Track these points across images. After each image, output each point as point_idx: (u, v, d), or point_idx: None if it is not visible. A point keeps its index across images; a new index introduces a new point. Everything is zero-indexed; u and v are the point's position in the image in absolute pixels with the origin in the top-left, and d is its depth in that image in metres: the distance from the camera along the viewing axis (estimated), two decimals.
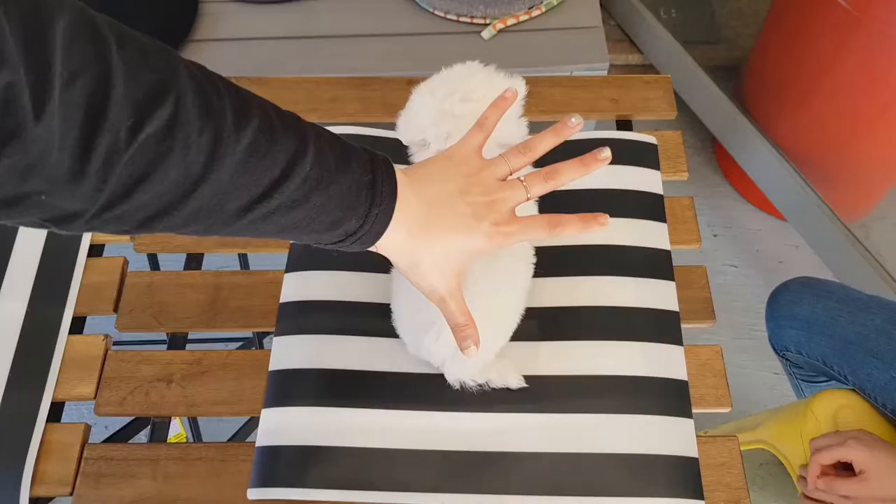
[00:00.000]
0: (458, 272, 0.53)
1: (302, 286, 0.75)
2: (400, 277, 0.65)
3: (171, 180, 0.37)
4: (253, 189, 0.41)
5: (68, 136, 0.32)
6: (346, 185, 0.45)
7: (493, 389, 0.68)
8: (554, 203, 0.80)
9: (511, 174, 0.54)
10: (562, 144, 0.83)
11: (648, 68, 1.79)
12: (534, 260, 0.67)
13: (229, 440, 1.06)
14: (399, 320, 0.68)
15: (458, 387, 0.68)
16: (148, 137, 0.35)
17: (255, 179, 0.40)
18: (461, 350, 0.55)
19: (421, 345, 0.66)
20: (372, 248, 0.51)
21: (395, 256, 0.52)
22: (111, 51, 0.34)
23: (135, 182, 0.36)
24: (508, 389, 0.68)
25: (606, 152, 0.54)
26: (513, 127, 0.64)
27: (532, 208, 0.66)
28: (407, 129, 0.64)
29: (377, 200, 0.47)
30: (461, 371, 0.67)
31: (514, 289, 0.65)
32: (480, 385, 0.67)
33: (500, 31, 1.31)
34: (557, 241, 0.55)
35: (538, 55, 1.32)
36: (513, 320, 0.67)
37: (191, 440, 1.27)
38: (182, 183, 0.38)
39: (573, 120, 0.55)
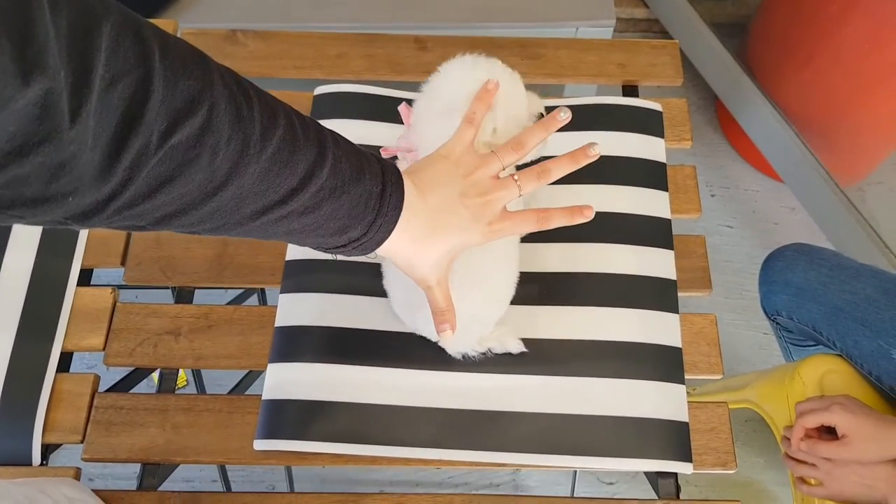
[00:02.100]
0: (448, 264, 0.55)
1: None
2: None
3: (194, 184, 0.38)
4: (271, 196, 0.42)
5: (102, 136, 0.33)
6: (357, 195, 0.46)
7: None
8: None
9: (503, 170, 0.56)
10: (572, 109, 0.82)
11: (654, 23, 1.77)
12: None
13: (230, 392, 1.08)
14: (394, 300, 0.70)
15: (460, 358, 0.69)
16: (178, 143, 0.36)
17: (274, 187, 0.42)
18: (438, 333, 0.57)
19: (416, 322, 0.67)
20: (371, 254, 0.52)
21: (395, 258, 0.54)
22: (154, 56, 0.35)
23: (160, 184, 0.37)
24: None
25: (596, 149, 0.55)
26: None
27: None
28: (421, 101, 0.64)
29: (383, 211, 0.48)
30: (460, 343, 0.68)
31: (505, 260, 0.66)
32: (483, 353, 0.69)
33: None
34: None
35: (543, 10, 1.31)
36: (508, 290, 0.68)
37: (191, 383, 1.30)
38: (205, 187, 0.39)
39: (562, 115, 0.56)
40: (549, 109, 0.60)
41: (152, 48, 0.35)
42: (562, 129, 0.81)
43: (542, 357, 0.71)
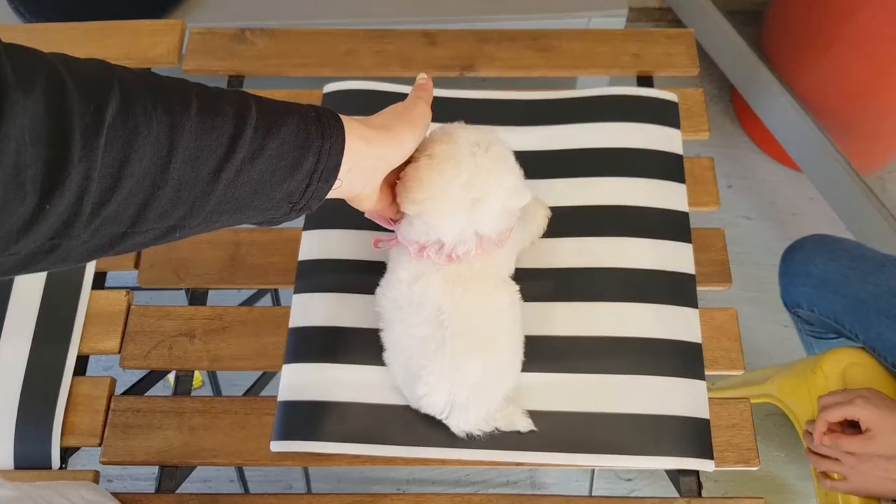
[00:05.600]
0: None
1: (320, 244, 0.76)
2: (388, 328, 0.66)
3: (147, 158, 0.39)
4: (217, 149, 0.42)
5: (39, 129, 0.34)
6: (294, 125, 0.46)
7: None
8: (569, 160, 0.80)
9: None
10: (573, 102, 0.81)
11: (667, 12, 1.75)
12: (517, 289, 0.66)
13: (245, 394, 1.08)
14: (394, 373, 0.68)
15: (464, 437, 0.66)
16: (113, 120, 0.37)
17: (215, 138, 0.42)
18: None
19: (416, 394, 0.64)
20: (337, 191, 0.50)
21: (360, 176, 0.52)
22: (45, 55, 0.37)
23: (118, 168, 0.38)
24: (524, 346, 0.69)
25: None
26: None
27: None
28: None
29: (328, 132, 0.48)
30: (465, 422, 0.65)
31: (508, 319, 0.64)
32: (489, 433, 0.67)
33: None
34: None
35: (554, 1, 1.29)
36: (515, 354, 0.66)
37: (207, 384, 1.30)
38: (157, 158, 0.39)
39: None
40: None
41: (42, 53, 0.37)
42: (577, 121, 0.80)
43: (558, 354, 0.70)
